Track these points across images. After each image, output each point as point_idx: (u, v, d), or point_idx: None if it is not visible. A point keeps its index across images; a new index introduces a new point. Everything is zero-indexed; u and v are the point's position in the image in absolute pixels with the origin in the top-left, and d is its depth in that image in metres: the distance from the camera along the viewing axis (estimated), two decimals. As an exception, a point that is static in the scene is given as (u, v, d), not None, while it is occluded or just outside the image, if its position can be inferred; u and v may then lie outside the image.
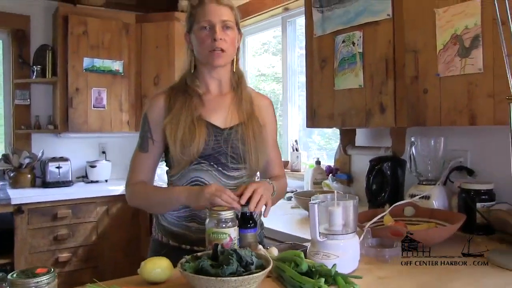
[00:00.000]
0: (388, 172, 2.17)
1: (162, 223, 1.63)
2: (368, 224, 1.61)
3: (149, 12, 4.03)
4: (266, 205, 1.47)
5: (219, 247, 1.13)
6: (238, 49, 1.66)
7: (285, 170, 3.25)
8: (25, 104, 3.86)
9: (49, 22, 3.91)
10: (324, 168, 2.82)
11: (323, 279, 1.10)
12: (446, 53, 1.74)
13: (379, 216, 1.70)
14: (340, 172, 2.74)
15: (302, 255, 1.22)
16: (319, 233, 1.34)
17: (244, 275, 1.01)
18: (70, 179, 3.78)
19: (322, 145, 3.46)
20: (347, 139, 2.57)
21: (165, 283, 1.20)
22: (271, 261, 1.11)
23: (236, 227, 1.33)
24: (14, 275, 0.94)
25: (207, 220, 1.33)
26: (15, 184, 3.61)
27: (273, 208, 2.63)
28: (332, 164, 2.86)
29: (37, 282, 0.92)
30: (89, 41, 3.69)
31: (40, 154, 3.72)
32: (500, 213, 1.68)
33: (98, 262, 3.47)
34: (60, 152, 3.90)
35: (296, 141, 3.26)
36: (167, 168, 1.66)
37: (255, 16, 3.50)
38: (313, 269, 1.17)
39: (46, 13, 3.91)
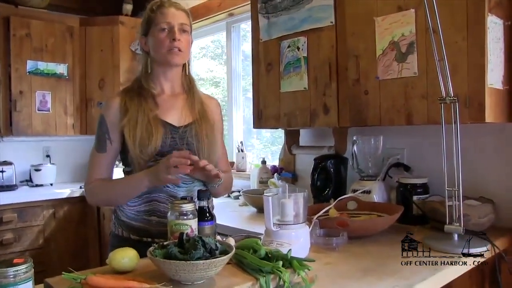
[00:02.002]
0: (332, 169, 2.31)
1: (122, 218, 1.68)
2: (316, 216, 1.74)
3: (93, 15, 4.00)
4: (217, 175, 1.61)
5: (185, 235, 1.20)
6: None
7: (231, 170, 3.36)
8: (-36, 107, 3.71)
9: (-12, 24, 3.78)
10: (270, 168, 2.94)
11: (281, 262, 1.20)
12: (385, 58, 1.90)
13: (325, 209, 1.82)
14: (285, 171, 2.87)
15: (260, 242, 1.31)
16: (273, 223, 1.45)
17: (211, 259, 1.09)
18: (14, 183, 3.67)
19: (261, 149, 3.58)
20: (292, 139, 2.70)
21: (133, 272, 1.26)
22: (234, 247, 1.19)
23: (196, 219, 1.41)
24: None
25: (169, 213, 1.40)
26: (-46, 189, 3.49)
27: (222, 206, 2.76)
28: (277, 163, 2.98)
29: (16, 271, 0.96)
30: (32, 44, 3.62)
31: (-20, 159, 3.61)
32: (434, 204, 1.86)
33: (45, 266, 3.36)
34: (3, 156, 3.79)
35: (241, 142, 3.36)
36: (124, 167, 1.72)
37: (201, 21, 3.57)
38: (270, 255, 1.27)
39: (-15, 14, 3.78)
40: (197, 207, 1.47)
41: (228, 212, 2.57)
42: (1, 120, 3.57)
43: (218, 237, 1.46)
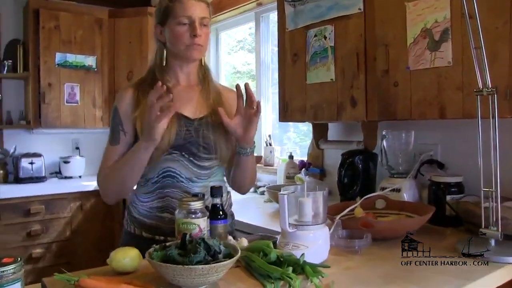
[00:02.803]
0: (360, 165, 2.19)
1: (135, 215, 1.62)
2: (339, 216, 1.63)
3: (122, 7, 3.98)
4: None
5: (187, 236, 1.12)
6: None
7: (259, 165, 3.27)
8: (-4, 99, 3.78)
9: (19, 17, 3.83)
10: (297, 163, 2.83)
11: (291, 268, 1.10)
12: (417, 47, 1.76)
13: (349, 208, 1.71)
14: (313, 166, 2.75)
15: (271, 244, 1.22)
16: (289, 223, 1.35)
17: (212, 264, 1.00)
18: (44, 174, 3.71)
19: (297, 142, 3.46)
20: (320, 133, 2.58)
21: (134, 273, 1.19)
22: (239, 250, 1.10)
23: (205, 218, 1.32)
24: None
25: (177, 211, 1.32)
26: (-14, 180, 3.55)
27: (247, 201, 2.67)
28: (305, 158, 2.87)
29: (3, 271, 0.90)
30: (61, 36, 3.63)
31: (12, 150, 3.66)
32: (468, 205, 1.71)
33: (71, 258, 3.42)
34: (33, 148, 3.83)
35: (269, 136, 3.26)
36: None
37: (228, 11, 3.48)
38: (282, 259, 1.18)
39: (16, 8, 3.82)
40: (209, 204, 1.39)
41: (252, 209, 2.49)
42: (31, 112, 3.61)
43: (230, 238, 1.38)
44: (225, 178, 1.73)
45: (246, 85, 1.51)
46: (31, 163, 3.63)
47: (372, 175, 2.21)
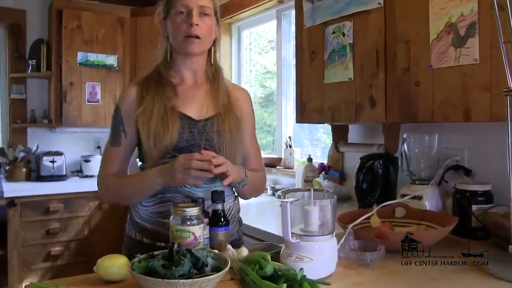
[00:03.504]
0: (380, 170, 2.05)
1: (136, 219, 1.55)
2: (351, 225, 1.51)
3: (143, 6, 3.95)
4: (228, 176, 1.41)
5: (175, 246, 1.03)
6: (215, 40, 1.59)
7: (278, 167, 3.17)
8: (21, 98, 3.84)
9: (45, 17, 3.86)
10: (317, 166, 2.71)
11: (285, 285, 1.00)
12: (440, 43, 1.63)
13: (364, 217, 1.59)
14: (333, 170, 2.63)
15: (268, 257, 1.12)
16: (292, 233, 1.25)
17: (195, 278, 0.91)
18: (64, 173, 3.72)
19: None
20: (340, 135, 2.46)
21: (122, 282, 1.12)
22: (229, 263, 1.01)
23: (201, 225, 1.24)
24: None
25: (171, 217, 1.24)
26: (10, 177, 3.61)
27: (263, 205, 2.58)
28: (325, 161, 2.75)
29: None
30: (83, 36, 3.63)
31: (34, 148, 3.69)
32: (497, 216, 1.57)
33: (90, 257, 3.38)
34: (55, 146, 3.85)
35: (290, 137, 3.15)
36: (140, 163, 1.58)
37: (249, 9, 3.39)
38: (280, 273, 1.08)
39: (42, 8, 3.87)
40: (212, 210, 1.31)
41: (266, 213, 2.39)
42: (52, 111, 3.63)
43: (229, 247, 1.28)
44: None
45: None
46: (52, 161, 3.65)
47: (392, 181, 2.07)
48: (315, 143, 3.29)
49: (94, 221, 3.47)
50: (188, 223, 1.20)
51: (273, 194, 2.89)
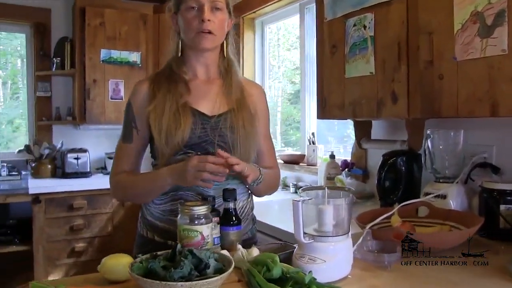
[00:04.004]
0: (403, 168, 1.97)
1: (147, 217, 1.53)
2: (370, 225, 1.45)
3: (166, 2, 3.93)
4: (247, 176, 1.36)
5: (178, 246, 0.99)
6: (228, 33, 1.55)
7: (301, 164, 3.11)
8: (46, 96, 3.89)
9: (69, 15, 3.90)
10: (340, 163, 2.64)
11: (291, 289, 0.95)
12: (465, 34, 1.54)
13: (383, 216, 1.53)
14: (356, 167, 2.55)
15: (277, 258, 1.07)
16: (305, 233, 1.19)
17: (195, 280, 0.87)
18: (89, 170, 3.75)
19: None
20: (363, 131, 2.38)
21: (126, 282, 1.08)
22: (233, 264, 0.96)
23: (210, 225, 1.20)
24: None
25: (179, 216, 1.21)
26: (36, 174, 3.67)
27: (283, 203, 2.53)
28: (348, 158, 2.67)
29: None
30: (106, 33, 3.64)
31: (59, 145, 3.73)
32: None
33: (113, 253, 3.41)
34: (79, 143, 3.90)
35: (313, 133, 3.08)
36: (153, 160, 1.55)
37: (273, 3, 3.33)
38: (288, 275, 1.03)
39: (66, 6, 3.91)
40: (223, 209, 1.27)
41: (287, 211, 2.32)
42: (76, 108, 3.66)
43: (239, 246, 1.24)
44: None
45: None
46: (77, 158, 3.68)
47: (416, 179, 1.99)
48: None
49: (117, 217, 3.49)
50: (196, 222, 1.17)
51: (295, 192, 2.84)
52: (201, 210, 1.17)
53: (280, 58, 3.92)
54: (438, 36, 1.63)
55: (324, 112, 2.23)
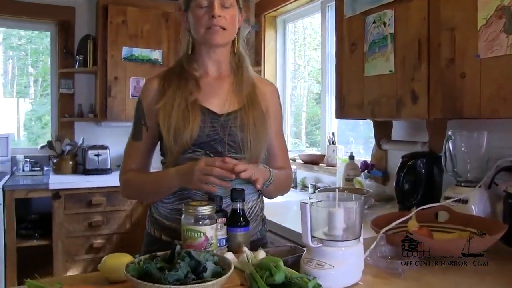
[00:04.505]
0: (423, 170, 1.90)
1: (155, 216, 1.51)
2: (384, 229, 1.38)
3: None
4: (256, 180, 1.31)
5: (177, 247, 0.96)
6: (239, 29, 1.51)
7: (321, 164, 3.04)
8: (69, 93, 3.93)
9: (93, 13, 3.92)
10: (359, 164, 2.57)
11: (293, 295, 0.90)
12: (489, 30, 1.46)
13: (399, 220, 1.46)
14: (376, 168, 2.48)
15: (281, 263, 1.02)
16: (313, 237, 1.15)
17: (190, 284, 0.84)
18: (109, 167, 3.77)
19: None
20: (383, 132, 2.31)
21: (126, 282, 1.05)
22: (232, 268, 0.92)
23: (214, 225, 1.16)
24: None
25: (183, 216, 1.17)
26: (57, 170, 3.72)
27: (298, 204, 2.47)
28: (369, 159, 2.60)
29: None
30: (128, 31, 3.64)
31: (80, 142, 3.76)
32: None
33: (131, 250, 3.38)
34: (100, 140, 3.91)
35: (333, 133, 3.02)
36: (162, 158, 1.53)
37: (294, 1, 3.28)
38: (291, 281, 0.98)
39: (90, 4, 3.93)
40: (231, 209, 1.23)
41: (299, 212, 2.28)
42: (98, 106, 3.68)
43: (245, 249, 1.20)
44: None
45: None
46: (97, 155, 3.71)
47: (437, 182, 1.91)
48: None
49: (135, 215, 3.49)
50: (200, 222, 1.13)
51: (314, 192, 2.78)
52: (206, 210, 1.14)
53: (306, 57, 3.86)
54: (461, 33, 1.55)
55: (342, 111, 2.18)
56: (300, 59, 3.87)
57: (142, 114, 1.48)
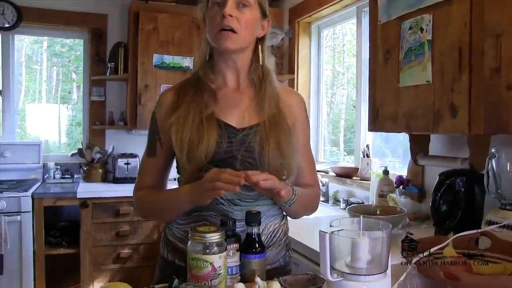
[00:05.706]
0: (462, 189, 1.73)
1: (169, 237, 1.41)
2: (416, 258, 1.24)
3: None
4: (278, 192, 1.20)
5: (175, 282, 0.86)
6: (264, 38, 1.38)
7: (354, 178, 2.89)
8: (101, 100, 3.93)
9: (125, 20, 3.92)
10: (394, 179, 2.40)
11: None
12: (540, 37, 1.30)
13: (435, 248, 1.30)
14: (412, 184, 2.31)
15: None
16: (332, 269, 1.02)
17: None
18: (138, 175, 3.71)
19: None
20: (419, 146, 2.15)
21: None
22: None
23: (223, 254, 1.05)
24: None
25: (189, 242, 1.07)
26: (87, 178, 3.71)
27: (328, 221, 2.33)
28: (405, 173, 2.43)
29: None
30: (159, 38, 3.59)
31: (110, 150, 3.75)
32: None
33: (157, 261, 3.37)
34: (130, 149, 3.88)
35: (367, 146, 2.86)
36: (178, 175, 1.43)
37: (328, 7, 3.15)
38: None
39: (122, 11, 3.93)
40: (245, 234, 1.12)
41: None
42: (128, 113, 3.65)
43: (258, 279, 1.08)
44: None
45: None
46: (127, 163, 3.68)
47: (477, 204, 1.74)
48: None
49: (163, 226, 3.41)
50: (207, 251, 1.03)
51: (345, 208, 2.63)
52: (214, 237, 1.03)
53: (345, 64, 3.73)
54: (508, 40, 1.40)
55: (375, 124, 2.03)
56: (340, 66, 3.73)
57: (156, 128, 1.39)
